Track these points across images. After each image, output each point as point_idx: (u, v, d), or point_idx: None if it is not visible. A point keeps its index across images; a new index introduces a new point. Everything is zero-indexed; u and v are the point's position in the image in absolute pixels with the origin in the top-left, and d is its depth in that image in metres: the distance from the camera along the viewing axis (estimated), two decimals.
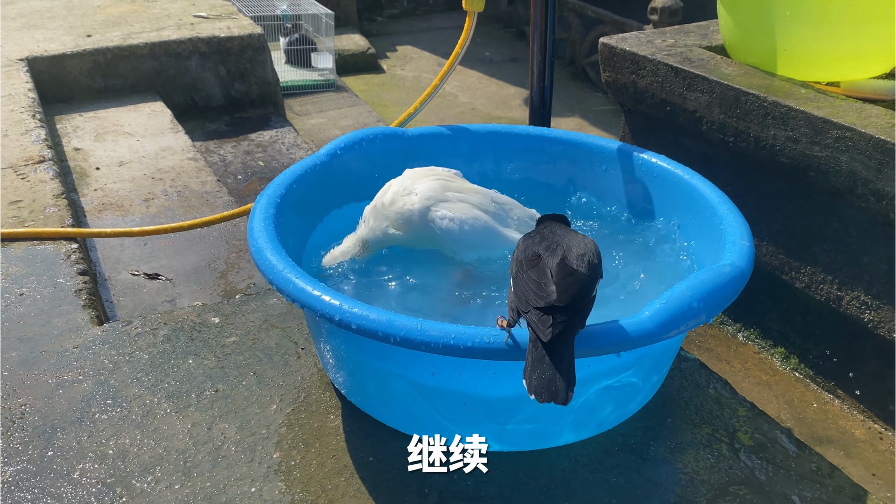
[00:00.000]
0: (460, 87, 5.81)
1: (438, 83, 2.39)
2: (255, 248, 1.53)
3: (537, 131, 2.12)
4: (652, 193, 1.94)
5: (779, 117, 2.06)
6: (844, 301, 2.07)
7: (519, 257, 1.28)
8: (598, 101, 5.58)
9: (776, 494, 1.48)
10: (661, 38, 2.58)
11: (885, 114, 1.96)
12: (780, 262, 2.23)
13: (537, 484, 1.46)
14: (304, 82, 5.36)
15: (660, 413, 1.64)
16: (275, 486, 1.45)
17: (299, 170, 1.85)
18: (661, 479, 1.48)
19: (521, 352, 1.21)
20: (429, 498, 1.43)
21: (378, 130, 2.06)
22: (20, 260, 2.13)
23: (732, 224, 1.63)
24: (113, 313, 2.17)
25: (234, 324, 1.90)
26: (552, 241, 1.28)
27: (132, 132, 3.27)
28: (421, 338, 1.28)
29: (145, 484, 1.45)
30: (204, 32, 3.87)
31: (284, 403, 1.65)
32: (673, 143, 2.47)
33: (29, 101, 3.15)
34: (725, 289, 1.40)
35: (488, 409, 1.43)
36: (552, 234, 1.30)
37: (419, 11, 7.69)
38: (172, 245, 2.52)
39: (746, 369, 2.25)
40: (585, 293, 1.20)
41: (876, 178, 1.87)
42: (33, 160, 2.69)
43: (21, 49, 3.59)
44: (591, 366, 1.39)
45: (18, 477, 1.46)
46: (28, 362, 1.75)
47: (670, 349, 1.61)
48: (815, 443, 2.00)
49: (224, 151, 3.55)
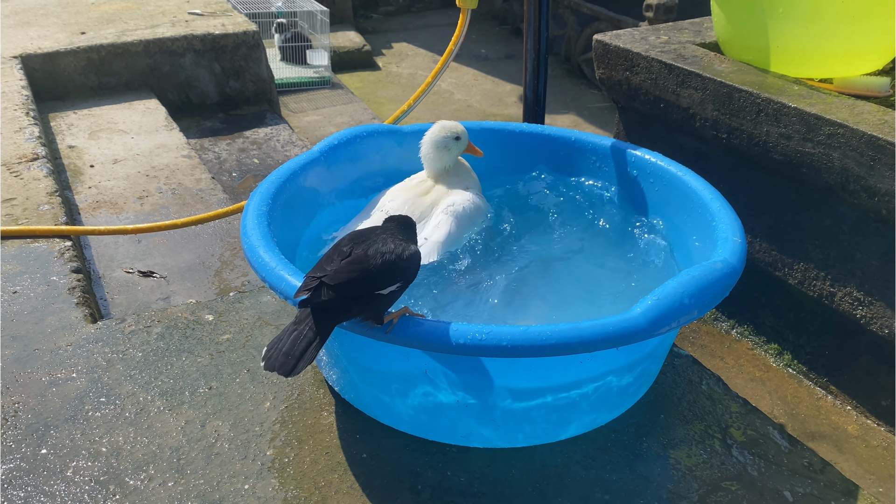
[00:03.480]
0: (456, 84, 5.81)
1: (432, 80, 2.39)
2: (247, 246, 1.53)
3: (531, 128, 2.12)
4: (644, 190, 1.94)
5: (771, 114, 2.06)
6: (837, 297, 2.07)
7: (335, 242, 1.34)
8: (594, 98, 5.58)
9: (768, 490, 1.48)
10: (655, 35, 2.58)
11: (877, 110, 1.97)
12: (772, 258, 2.23)
13: (530, 480, 1.46)
14: (300, 79, 5.35)
15: (653, 409, 1.65)
16: (268, 483, 1.45)
17: (293, 166, 1.85)
18: (653, 475, 1.49)
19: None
20: (422, 494, 1.43)
21: (372, 127, 2.06)
22: (13, 258, 2.12)
23: (725, 221, 1.63)
24: (107, 311, 2.16)
25: (228, 321, 1.90)
26: (368, 237, 1.32)
27: (126, 130, 3.27)
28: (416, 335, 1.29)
29: (138, 481, 1.45)
30: (198, 30, 3.86)
31: (278, 401, 1.65)
32: (666, 139, 2.48)
33: (23, 98, 3.14)
34: (717, 285, 1.41)
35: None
36: (375, 232, 1.34)
37: (415, 8, 7.68)
38: (167, 243, 2.51)
39: (740, 366, 2.26)
40: (367, 284, 1.24)
41: (868, 175, 1.88)
42: (27, 158, 2.68)
43: (15, 46, 3.58)
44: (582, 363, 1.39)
45: (12, 475, 1.46)
46: (21, 360, 1.75)
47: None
48: (808, 438, 2.01)
49: (219, 149, 3.54)
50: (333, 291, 1.21)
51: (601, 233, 1.96)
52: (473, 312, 1.68)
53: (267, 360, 1.20)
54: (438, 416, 1.47)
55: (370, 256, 1.27)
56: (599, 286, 1.74)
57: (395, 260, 1.28)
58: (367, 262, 1.26)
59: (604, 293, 1.73)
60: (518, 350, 1.26)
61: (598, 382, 1.45)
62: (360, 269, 1.25)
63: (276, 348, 1.20)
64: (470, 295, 1.73)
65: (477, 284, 1.75)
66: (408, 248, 1.32)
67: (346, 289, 1.23)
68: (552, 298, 1.73)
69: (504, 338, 1.26)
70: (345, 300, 1.23)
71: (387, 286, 1.28)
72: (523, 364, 1.35)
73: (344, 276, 1.23)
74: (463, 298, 1.71)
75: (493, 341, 1.26)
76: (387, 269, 1.26)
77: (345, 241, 1.33)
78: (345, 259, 1.27)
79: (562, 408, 1.46)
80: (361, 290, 1.25)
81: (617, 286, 1.75)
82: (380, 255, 1.27)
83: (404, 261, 1.30)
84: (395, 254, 1.28)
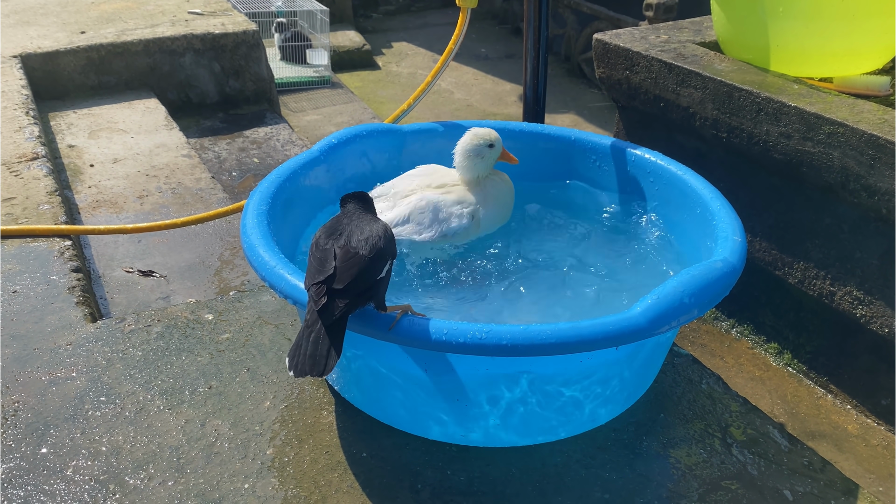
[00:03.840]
0: (456, 83, 5.81)
1: (432, 79, 2.39)
2: (247, 245, 1.53)
3: (531, 127, 2.12)
4: (644, 189, 1.94)
5: (771, 113, 2.06)
6: (837, 296, 2.07)
7: (313, 241, 1.35)
8: (594, 98, 5.58)
9: (768, 489, 1.48)
10: (655, 35, 2.58)
11: (877, 109, 1.97)
12: (773, 257, 2.23)
13: (530, 479, 1.46)
14: (299, 79, 5.35)
15: (652, 408, 1.65)
16: (268, 482, 1.45)
17: (293, 166, 1.85)
18: (653, 474, 1.49)
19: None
20: (422, 493, 1.43)
21: (372, 126, 2.06)
22: (13, 257, 2.12)
23: (725, 220, 1.63)
24: (107, 310, 2.16)
25: (227, 321, 1.90)
26: (341, 226, 1.35)
27: (126, 129, 3.27)
28: (416, 334, 1.29)
29: (138, 481, 1.45)
30: (198, 29, 3.86)
31: (278, 400, 1.65)
32: (666, 139, 2.48)
33: (22, 98, 3.14)
34: (717, 284, 1.41)
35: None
36: (344, 218, 1.37)
37: (414, 8, 7.68)
38: (166, 242, 2.51)
39: (740, 365, 2.26)
40: (367, 275, 1.27)
41: (868, 174, 1.88)
42: (27, 157, 2.68)
43: (15, 46, 3.58)
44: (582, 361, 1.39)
45: (11, 474, 1.46)
46: (21, 360, 1.75)
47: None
48: (808, 437, 2.01)
49: (219, 148, 3.54)
50: (345, 296, 1.24)
51: (601, 231, 1.96)
52: (473, 312, 1.68)
53: (295, 368, 1.21)
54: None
55: (356, 248, 1.29)
56: (599, 285, 1.74)
57: (378, 242, 1.31)
58: (357, 255, 1.28)
59: (603, 292, 1.73)
60: (518, 349, 1.26)
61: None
62: (356, 265, 1.27)
63: (299, 353, 1.21)
64: (470, 294, 1.73)
65: (476, 284, 1.76)
66: (381, 226, 1.36)
67: (354, 286, 1.25)
68: (551, 297, 1.73)
69: (504, 337, 1.26)
70: (353, 297, 1.26)
71: (382, 269, 1.31)
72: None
73: (347, 277, 1.25)
74: (463, 298, 1.71)
75: (493, 340, 1.26)
76: (377, 254, 1.30)
77: (321, 238, 1.34)
78: (336, 258, 1.29)
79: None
80: (365, 283, 1.27)
81: (616, 285, 1.75)
82: (364, 243, 1.30)
83: (386, 240, 1.34)
84: (376, 236, 1.32)
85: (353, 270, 1.26)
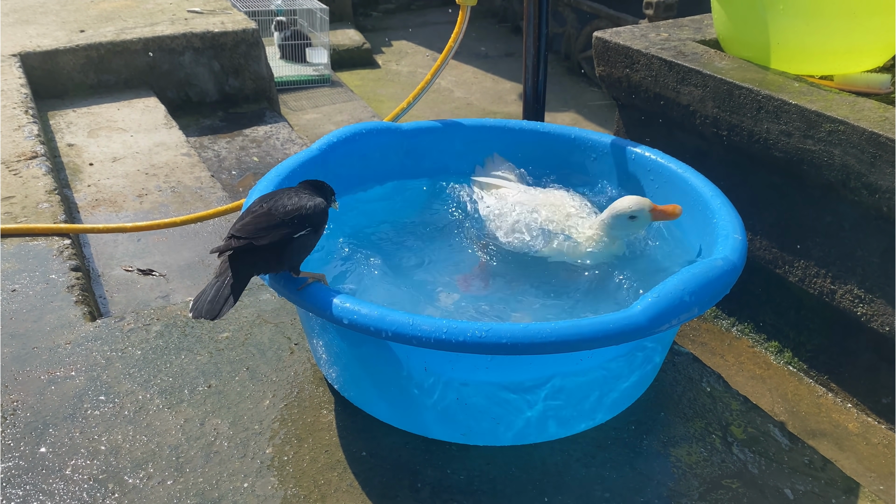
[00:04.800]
0: (456, 82, 5.80)
1: (431, 78, 2.38)
2: None
3: (531, 126, 2.11)
4: (645, 187, 1.94)
5: (772, 111, 2.06)
6: (838, 295, 2.07)
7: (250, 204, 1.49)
8: (594, 96, 5.57)
9: (769, 488, 1.48)
10: (655, 33, 2.58)
11: (877, 107, 1.96)
12: (773, 256, 2.23)
13: (530, 478, 1.46)
14: (299, 77, 5.35)
15: (653, 407, 1.64)
16: (267, 481, 1.45)
17: (292, 164, 1.84)
18: (653, 473, 1.48)
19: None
20: (421, 492, 1.43)
21: (371, 125, 2.05)
22: (12, 256, 2.12)
23: (725, 218, 1.63)
24: (106, 309, 2.16)
25: (227, 319, 1.90)
26: (277, 196, 1.46)
27: (126, 128, 3.26)
28: (412, 332, 1.28)
29: (137, 480, 1.45)
30: (198, 27, 3.85)
31: (277, 399, 1.65)
32: (667, 137, 2.47)
33: (21, 96, 3.14)
34: (717, 282, 1.40)
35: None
36: (284, 192, 1.48)
37: (414, 6, 7.67)
38: (166, 241, 2.51)
39: (740, 363, 2.25)
40: (270, 230, 1.37)
41: (869, 172, 1.87)
42: (26, 156, 2.68)
43: (14, 44, 3.57)
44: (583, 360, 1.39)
45: (10, 473, 1.46)
46: (20, 359, 1.75)
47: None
48: (808, 436, 2.01)
49: (218, 147, 3.54)
50: (243, 240, 1.35)
51: None
52: (472, 312, 1.67)
53: (194, 310, 1.31)
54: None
55: (274, 209, 1.41)
56: (599, 283, 1.74)
57: (296, 208, 1.42)
58: (270, 213, 1.40)
59: (603, 291, 1.73)
60: (518, 347, 1.26)
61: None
62: (265, 219, 1.39)
63: (202, 299, 1.32)
64: (469, 293, 1.72)
65: (475, 284, 1.75)
66: (311, 200, 1.45)
67: (254, 234, 1.36)
68: (551, 296, 1.72)
69: (504, 335, 1.26)
70: (257, 248, 1.35)
71: (296, 233, 1.40)
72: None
73: (251, 226, 1.37)
74: (462, 298, 1.71)
75: (493, 339, 1.26)
76: (290, 215, 1.40)
77: (256, 201, 1.46)
78: (252, 214, 1.41)
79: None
80: (268, 237, 1.36)
81: (616, 283, 1.74)
82: (282, 207, 1.42)
83: (307, 209, 1.43)
84: (297, 204, 1.43)
85: (260, 225, 1.37)
